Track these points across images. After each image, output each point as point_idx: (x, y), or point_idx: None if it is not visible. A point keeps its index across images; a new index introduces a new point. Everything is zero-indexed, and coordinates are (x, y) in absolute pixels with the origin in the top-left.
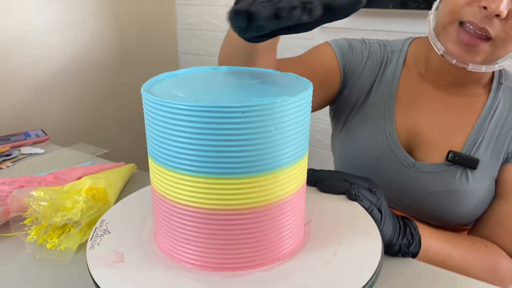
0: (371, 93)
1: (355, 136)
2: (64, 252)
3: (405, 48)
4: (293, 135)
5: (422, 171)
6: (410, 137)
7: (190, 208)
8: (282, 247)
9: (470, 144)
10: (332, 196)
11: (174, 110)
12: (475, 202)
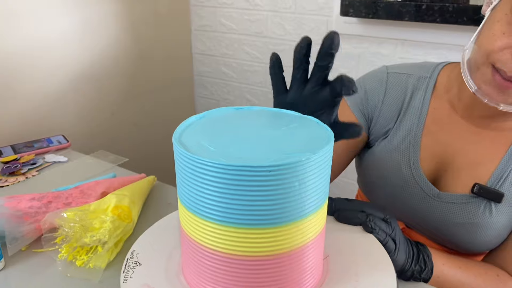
0: (397, 122)
1: (379, 165)
2: (93, 270)
3: (435, 75)
4: (315, 188)
5: (446, 201)
6: (436, 166)
7: (218, 253)
8: (303, 285)
9: (496, 177)
10: (348, 226)
11: (204, 166)
12: (495, 234)
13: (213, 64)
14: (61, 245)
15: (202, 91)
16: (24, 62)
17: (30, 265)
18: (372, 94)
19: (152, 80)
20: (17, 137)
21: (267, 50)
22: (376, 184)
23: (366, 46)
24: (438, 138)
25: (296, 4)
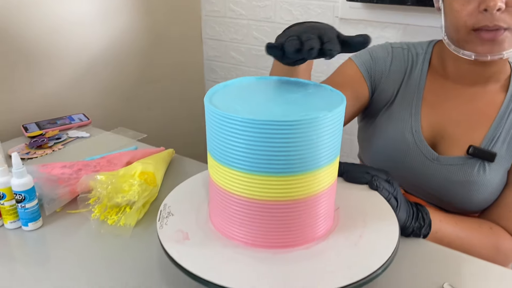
0: (399, 93)
1: (383, 133)
2: (123, 228)
3: (430, 51)
4: (329, 142)
5: (445, 164)
6: (434, 133)
7: (244, 198)
8: (317, 230)
9: (488, 139)
10: (356, 186)
11: (234, 122)
12: (490, 191)
13: (223, 48)
14: (94, 206)
15: (212, 75)
16: (47, 44)
17: (65, 224)
18: (379, 61)
19: (164, 64)
20: (41, 115)
21: (275, 35)
22: (379, 152)
23: (370, 30)
24: (435, 108)
25: None
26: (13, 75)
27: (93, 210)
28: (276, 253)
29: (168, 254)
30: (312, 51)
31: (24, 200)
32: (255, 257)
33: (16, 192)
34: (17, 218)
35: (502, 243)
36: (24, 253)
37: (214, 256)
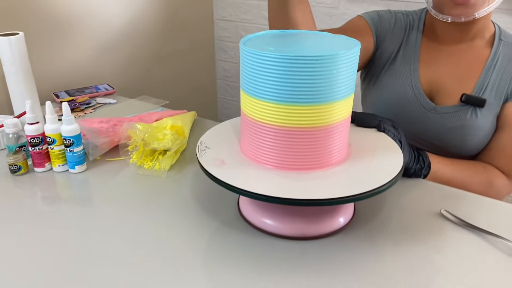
0: (399, 53)
1: (386, 89)
2: (158, 171)
3: (423, 17)
4: (346, 77)
5: (441, 112)
6: (431, 87)
7: (273, 126)
8: (334, 156)
9: (478, 88)
10: (365, 129)
11: (267, 59)
12: (482, 134)
13: (233, 29)
14: (132, 152)
15: (222, 54)
16: (76, 19)
17: (106, 169)
18: (385, 20)
19: (178, 42)
20: (69, 84)
21: None
22: (382, 107)
23: (374, 8)
24: (430, 65)
25: None
26: (45, 47)
27: (131, 156)
28: (299, 174)
29: (209, 173)
30: None
31: (72, 144)
32: (282, 175)
33: (66, 138)
34: (64, 162)
35: (495, 179)
36: (70, 194)
37: (247, 174)
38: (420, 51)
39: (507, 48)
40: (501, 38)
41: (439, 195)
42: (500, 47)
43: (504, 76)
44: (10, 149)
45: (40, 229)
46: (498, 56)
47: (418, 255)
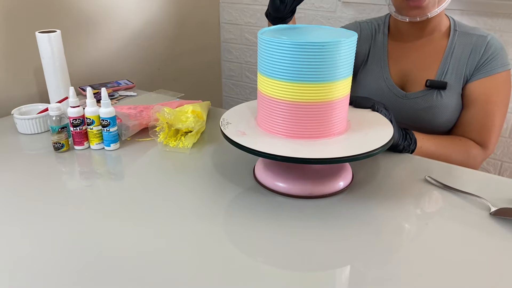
0: (370, 54)
1: (363, 85)
2: (182, 149)
3: (387, 22)
4: (346, 61)
5: (411, 98)
6: (401, 78)
7: (284, 101)
8: (336, 127)
9: (440, 73)
10: (362, 110)
11: (282, 44)
12: (449, 112)
13: (238, 31)
14: (159, 133)
15: (228, 55)
16: (100, 20)
17: (136, 148)
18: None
19: (187, 44)
20: (92, 79)
21: None
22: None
23: (368, 12)
24: (398, 60)
25: None
26: (72, 45)
27: (159, 136)
28: (307, 141)
29: (234, 142)
30: None
31: (109, 125)
32: (293, 142)
33: (103, 119)
34: (101, 140)
35: (471, 149)
36: (105, 169)
37: (264, 141)
38: (388, 50)
39: (462, 37)
40: (456, 29)
41: (424, 167)
42: (455, 37)
43: (462, 60)
44: (53, 129)
45: (78, 200)
46: (454, 45)
47: (405, 212)
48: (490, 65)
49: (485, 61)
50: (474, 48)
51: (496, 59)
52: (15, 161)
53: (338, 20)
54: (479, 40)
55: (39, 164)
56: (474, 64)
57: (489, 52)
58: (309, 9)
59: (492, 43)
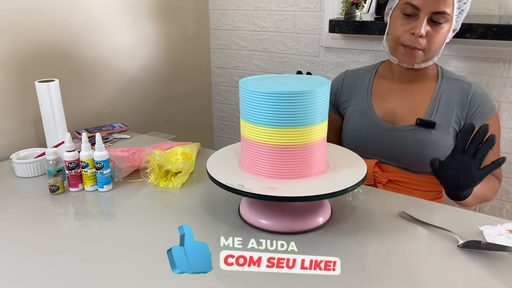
0: (353, 98)
1: (349, 122)
2: (172, 189)
3: (377, 66)
4: (321, 107)
5: (399, 131)
6: (387, 115)
7: (265, 145)
8: (314, 168)
9: (429, 113)
10: (337, 151)
11: (260, 95)
12: (440, 148)
13: (228, 75)
14: (150, 174)
15: (219, 97)
16: (97, 66)
17: (128, 189)
18: (334, 89)
19: (180, 87)
20: (88, 123)
21: (272, 62)
22: (350, 135)
23: (349, 56)
24: (384, 99)
25: (295, 26)
26: (68, 91)
27: (149, 177)
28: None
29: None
30: None
31: (102, 167)
32: (272, 181)
33: (97, 162)
34: (95, 182)
35: (496, 184)
36: (98, 210)
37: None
38: (373, 89)
39: (449, 82)
40: (444, 75)
41: (398, 202)
42: (443, 81)
43: (450, 103)
44: (50, 173)
45: (71, 242)
46: (442, 89)
47: (380, 246)
48: (482, 113)
49: (475, 110)
50: (461, 93)
51: (485, 106)
52: (13, 204)
53: (321, 64)
54: (465, 86)
55: (35, 207)
56: (464, 112)
57: (477, 100)
58: (294, 54)
59: (478, 91)
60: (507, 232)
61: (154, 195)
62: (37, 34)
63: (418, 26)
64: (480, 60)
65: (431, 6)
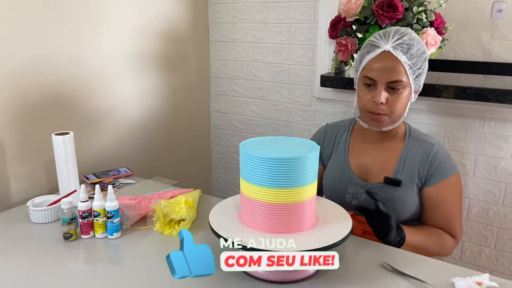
0: (333, 151)
1: (328, 175)
2: (176, 236)
3: (352, 124)
4: (311, 169)
5: (370, 187)
6: (361, 171)
7: (262, 202)
8: (306, 223)
9: (396, 172)
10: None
11: (258, 160)
12: (407, 205)
13: (226, 119)
14: (155, 222)
15: (217, 139)
16: (103, 116)
17: (135, 236)
18: (317, 142)
19: (181, 131)
20: (95, 167)
21: (268, 109)
22: (329, 187)
23: (339, 107)
24: (358, 155)
25: (290, 77)
26: (78, 138)
27: (155, 225)
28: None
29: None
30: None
31: (113, 216)
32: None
33: (108, 211)
34: (105, 230)
35: (446, 241)
36: (107, 255)
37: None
38: (349, 146)
39: (414, 142)
40: (411, 134)
41: (380, 253)
42: (410, 141)
43: (414, 163)
44: (64, 221)
45: (81, 285)
46: (408, 148)
47: None
48: (441, 172)
49: (435, 169)
50: (424, 153)
51: (444, 166)
52: (28, 248)
53: (313, 113)
54: (428, 146)
55: (49, 251)
56: (425, 170)
57: (437, 161)
58: (288, 102)
59: (439, 152)
60: (476, 284)
61: (159, 242)
62: (42, 85)
63: (377, 94)
64: (458, 116)
65: (385, 77)
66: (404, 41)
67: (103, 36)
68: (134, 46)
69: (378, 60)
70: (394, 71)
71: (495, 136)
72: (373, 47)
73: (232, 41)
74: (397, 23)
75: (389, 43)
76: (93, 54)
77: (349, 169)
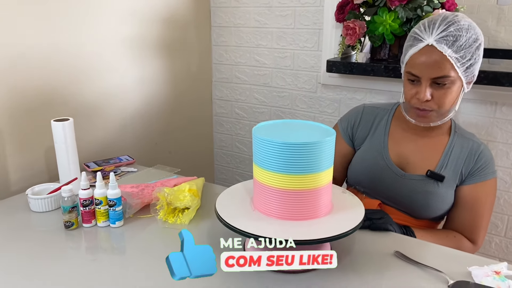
0: (369, 134)
1: (362, 160)
2: (179, 225)
3: (394, 109)
4: (327, 155)
5: (409, 179)
6: (400, 160)
7: (277, 189)
8: (321, 210)
9: (440, 166)
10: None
11: (273, 144)
12: (444, 202)
13: (229, 107)
14: (159, 210)
15: (219, 128)
16: (104, 102)
17: (138, 224)
18: (352, 122)
19: (182, 118)
20: (96, 155)
21: (271, 96)
22: (361, 175)
23: (345, 93)
24: (399, 144)
25: (294, 63)
26: (77, 126)
27: (159, 213)
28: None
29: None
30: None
31: (115, 205)
32: (284, 223)
33: (110, 199)
34: (107, 218)
35: (462, 244)
36: (109, 245)
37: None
38: (390, 133)
39: (460, 139)
40: (456, 130)
41: (393, 241)
42: (455, 137)
43: (459, 160)
44: (65, 209)
45: (82, 275)
46: (453, 144)
47: (375, 284)
48: (483, 173)
49: (478, 168)
50: (470, 152)
51: (487, 167)
52: (28, 237)
53: (318, 99)
54: (474, 146)
55: (49, 241)
56: (468, 168)
57: (482, 160)
58: (293, 89)
59: (485, 153)
60: (493, 273)
61: (162, 231)
62: (40, 72)
63: (421, 91)
64: (468, 101)
65: (429, 73)
66: (450, 33)
67: (103, 21)
68: (134, 31)
69: (421, 55)
70: (438, 66)
71: (507, 122)
72: (416, 40)
73: (234, 26)
74: (407, 4)
75: (432, 36)
76: (92, 39)
77: (387, 156)
